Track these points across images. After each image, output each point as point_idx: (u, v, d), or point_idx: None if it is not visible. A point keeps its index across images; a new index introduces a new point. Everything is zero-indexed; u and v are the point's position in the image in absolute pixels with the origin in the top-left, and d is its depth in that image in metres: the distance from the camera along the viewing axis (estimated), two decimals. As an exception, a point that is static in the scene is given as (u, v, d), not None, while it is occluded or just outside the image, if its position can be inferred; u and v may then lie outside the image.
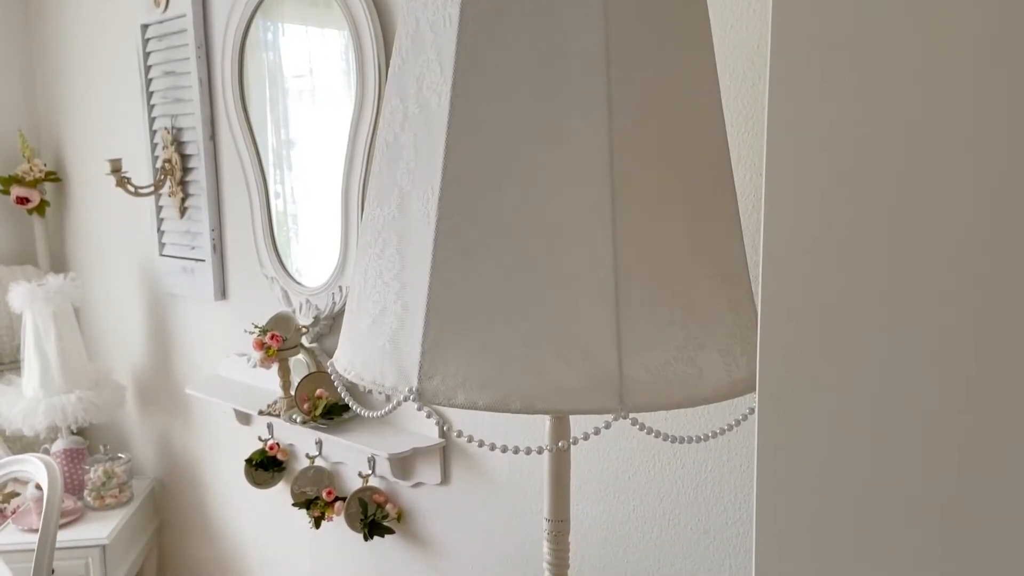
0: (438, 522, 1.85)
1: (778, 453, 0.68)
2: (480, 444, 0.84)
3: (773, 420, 0.68)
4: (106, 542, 2.22)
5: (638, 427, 0.79)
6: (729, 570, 1.37)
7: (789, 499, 0.65)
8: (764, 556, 0.67)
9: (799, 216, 0.64)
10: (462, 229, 0.83)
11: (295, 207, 2.14)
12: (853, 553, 0.60)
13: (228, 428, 2.34)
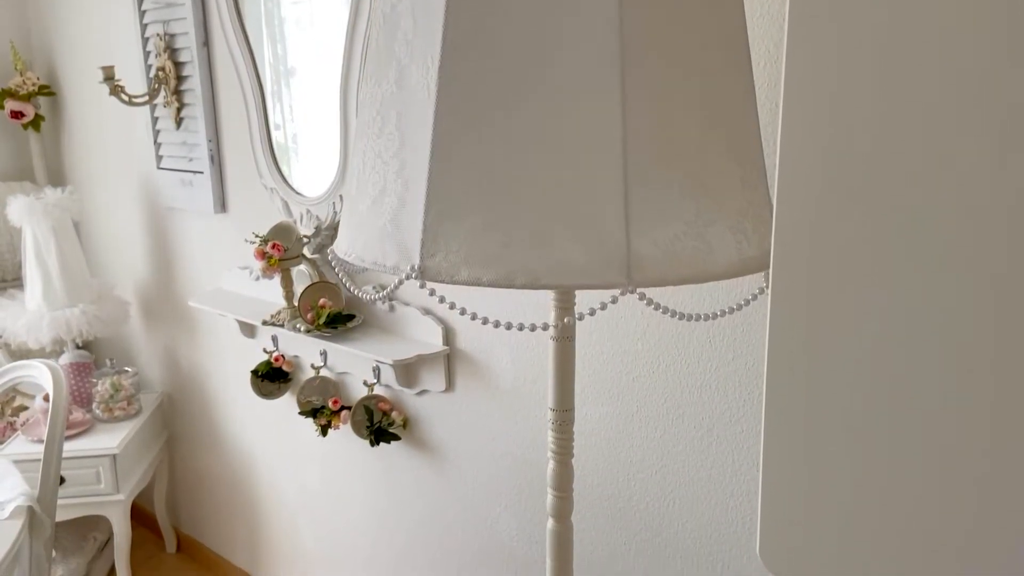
0: (443, 428, 1.86)
1: (790, 333, 0.66)
2: (485, 322, 0.83)
3: (787, 298, 0.66)
4: (116, 451, 2.25)
5: (645, 302, 0.77)
6: (732, 466, 1.38)
7: (800, 381, 0.64)
8: (772, 443, 0.66)
9: (820, 90, 0.60)
10: (463, 100, 0.79)
11: (294, 126, 2.09)
12: (867, 443, 0.59)
13: (233, 341, 2.34)
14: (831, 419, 0.62)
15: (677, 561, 1.49)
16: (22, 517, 1.36)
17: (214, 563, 2.65)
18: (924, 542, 0.56)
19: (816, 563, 0.59)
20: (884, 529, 0.58)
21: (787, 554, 0.60)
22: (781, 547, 0.60)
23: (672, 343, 1.42)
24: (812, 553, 0.59)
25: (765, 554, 0.61)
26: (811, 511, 0.61)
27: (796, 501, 0.62)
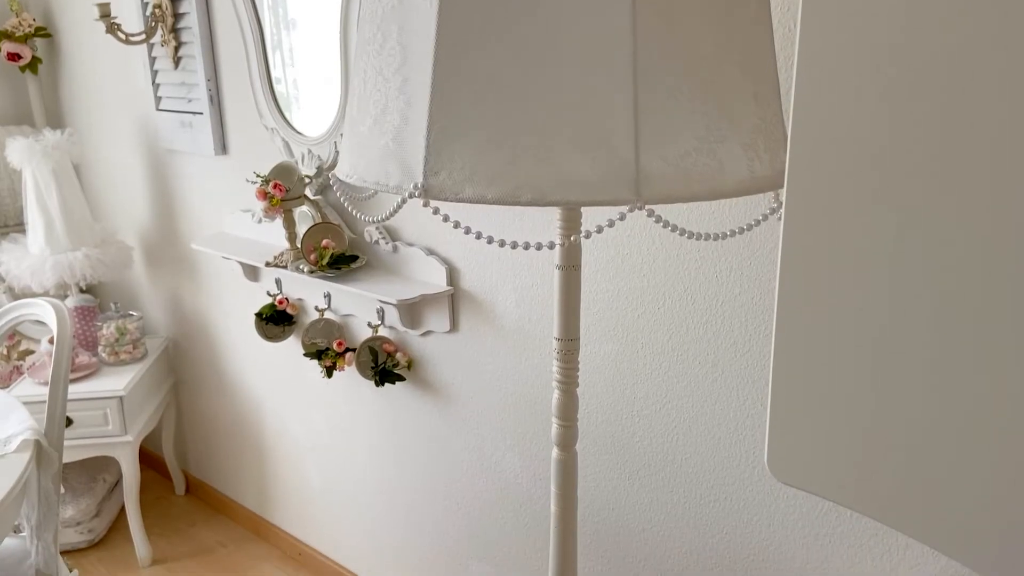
0: (447, 369, 1.86)
1: (803, 251, 0.64)
2: (490, 241, 0.81)
3: (800, 216, 0.64)
4: (123, 393, 2.27)
5: (654, 219, 0.75)
6: (737, 400, 1.38)
7: (812, 297, 0.63)
8: (782, 357, 0.65)
9: (840, 7, 0.58)
10: (467, 11, 0.76)
11: (294, 71, 2.05)
12: (875, 360, 0.58)
13: (236, 284, 2.34)
14: (841, 335, 0.60)
15: (680, 495, 1.50)
16: (29, 450, 1.37)
17: (223, 504, 2.69)
18: (925, 454, 0.56)
19: (822, 472, 0.58)
20: (888, 440, 0.57)
21: (795, 464, 0.60)
22: (789, 457, 0.60)
23: (677, 279, 1.40)
24: (819, 463, 0.59)
25: (773, 464, 0.60)
26: (818, 422, 0.60)
27: (804, 413, 0.61)
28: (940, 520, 0.53)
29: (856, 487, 0.56)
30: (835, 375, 0.60)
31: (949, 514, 0.53)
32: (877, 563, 1.26)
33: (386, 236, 1.88)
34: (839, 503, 0.57)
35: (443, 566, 2.02)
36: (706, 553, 1.49)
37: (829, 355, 0.61)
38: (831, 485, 0.57)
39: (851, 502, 0.56)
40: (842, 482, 0.56)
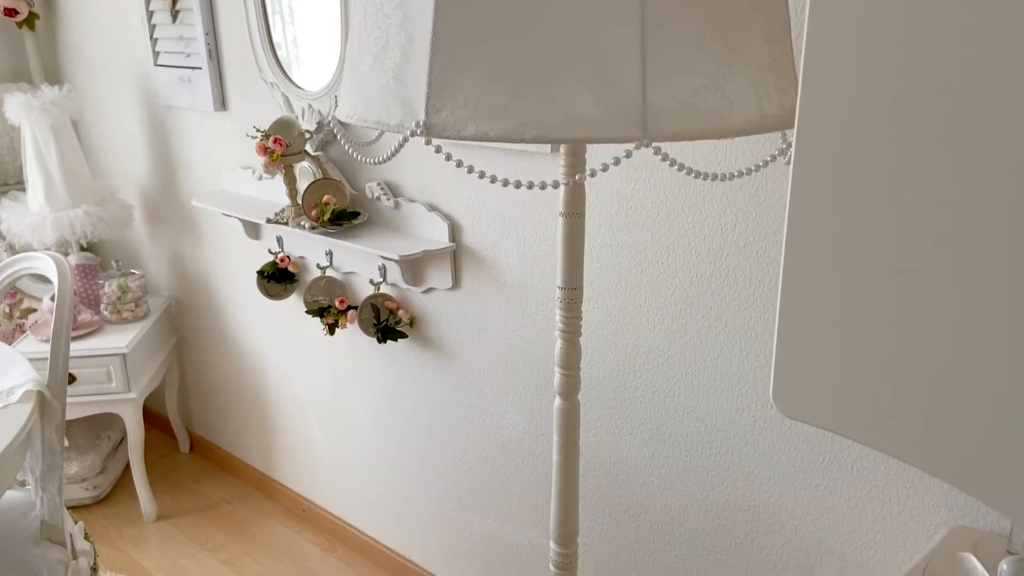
0: (450, 326, 1.86)
1: (813, 189, 0.63)
2: (493, 180, 0.80)
3: (811, 154, 0.63)
4: (126, 351, 2.27)
5: (660, 157, 0.74)
6: (740, 354, 1.37)
7: (821, 234, 0.61)
8: (790, 293, 0.64)
9: None
10: (471, -58, 0.74)
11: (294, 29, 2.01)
12: (881, 297, 0.57)
13: (238, 243, 2.33)
14: (848, 271, 0.60)
15: (682, 449, 1.50)
16: (32, 401, 1.38)
17: (227, 462, 2.71)
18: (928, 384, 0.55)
19: (827, 405, 0.58)
20: (893, 372, 0.56)
21: (800, 398, 0.59)
22: (794, 392, 0.59)
23: (682, 232, 1.39)
24: (824, 396, 0.58)
25: (779, 399, 0.60)
26: (824, 357, 0.59)
27: (810, 348, 0.60)
28: (942, 447, 0.52)
29: (860, 419, 0.55)
30: (842, 310, 0.59)
31: (952, 442, 0.52)
32: (877, 514, 1.26)
33: (388, 192, 1.86)
34: (843, 435, 0.57)
35: (445, 521, 2.04)
36: (706, 506, 1.50)
37: (836, 291, 0.60)
38: (836, 418, 0.57)
39: (855, 433, 0.56)
40: (846, 414, 0.56)
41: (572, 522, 1.16)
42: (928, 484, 1.20)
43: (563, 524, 1.16)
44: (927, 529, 1.21)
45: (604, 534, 1.69)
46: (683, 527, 1.55)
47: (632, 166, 1.42)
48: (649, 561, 1.62)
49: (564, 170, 0.94)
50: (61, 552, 1.54)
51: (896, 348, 0.56)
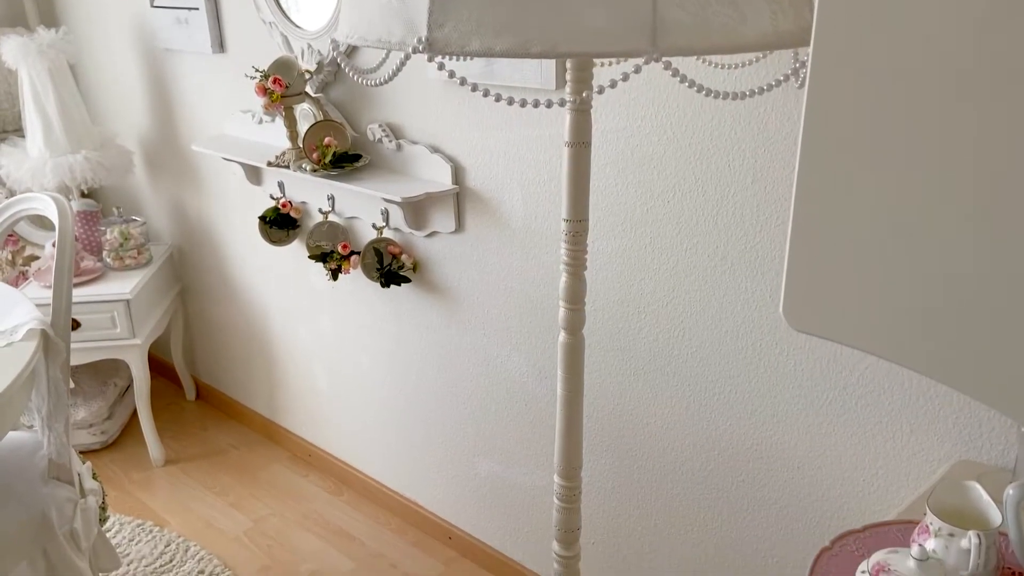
0: (453, 270, 1.85)
1: (828, 105, 0.61)
2: (498, 99, 0.78)
3: (827, 70, 0.61)
4: (129, 297, 2.27)
5: (670, 72, 0.72)
6: (745, 293, 1.36)
7: (834, 150, 0.60)
8: (802, 210, 0.62)
9: None
10: None
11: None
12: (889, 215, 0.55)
13: (239, 189, 2.31)
14: (860, 184, 0.58)
15: (685, 389, 1.51)
16: (36, 339, 1.38)
17: (234, 409, 2.73)
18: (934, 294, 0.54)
19: (837, 318, 0.57)
20: (901, 284, 0.55)
21: (810, 312, 0.58)
22: (805, 306, 0.58)
23: (688, 170, 1.37)
24: (833, 309, 0.57)
25: (789, 313, 0.59)
26: (834, 270, 0.58)
27: (821, 262, 0.59)
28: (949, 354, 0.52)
29: (869, 329, 0.55)
30: (852, 224, 0.58)
31: (958, 348, 0.52)
32: (880, 450, 1.27)
33: (389, 134, 1.83)
34: (852, 346, 0.56)
35: (450, 464, 2.06)
36: (708, 445, 1.50)
37: (848, 205, 0.59)
38: (845, 329, 0.56)
39: (864, 344, 0.55)
40: (855, 325, 0.55)
41: (576, 455, 1.17)
42: (932, 419, 1.20)
43: (567, 457, 1.17)
44: (930, 464, 1.22)
45: (606, 475, 1.70)
46: (685, 466, 1.56)
47: (638, 102, 1.39)
48: (651, 500, 1.64)
49: (570, 86, 0.92)
50: (69, 491, 1.56)
51: (905, 259, 0.55)
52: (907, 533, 0.96)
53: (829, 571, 0.91)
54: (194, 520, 2.23)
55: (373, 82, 0.88)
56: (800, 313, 0.58)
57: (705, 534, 1.57)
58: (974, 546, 0.82)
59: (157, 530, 2.17)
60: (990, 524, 0.87)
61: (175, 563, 2.04)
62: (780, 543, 1.46)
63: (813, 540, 1.40)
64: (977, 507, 0.90)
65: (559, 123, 1.53)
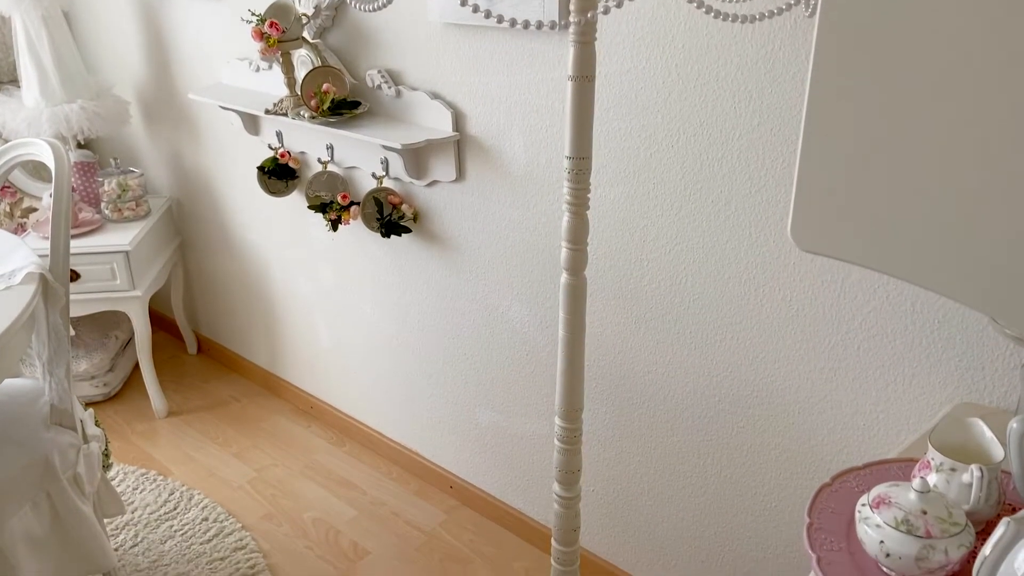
0: (454, 220, 1.83)
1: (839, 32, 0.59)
2: (500, 20, 0.76)
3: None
4: (128, 248, 2.26)
5: (676, -8, 0.70)
6: (749, 238, 1.35)
7: (846, 73, 0.58)
8: (812, 133, 0.61)
9: None
10: None
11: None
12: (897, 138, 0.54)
13: (237, 139, 2.28)
14: (869, 104, 0.57)
15: (686, 337, 1.50)
16: (34, 283, 1.37)
17: (235, 362, 2.74)
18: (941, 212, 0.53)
19: (844, 236, 0.56)
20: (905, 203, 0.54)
21: (818, 231, 0.57)
22: (813, 226, 0.57)
23: (693, 113, 1.35)
24: (841, 228, 0.56)
25: (796, 234, 0.58)
26: (842, 191, 0.57)
27: (829, 182, 0.58)
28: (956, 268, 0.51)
29: (875, 247, 0.54)
30: (861, 143, 0.57)
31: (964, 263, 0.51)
32: (881, 393, 1.27)
33: (388, 80, 1.80)
34: (858, 263, 0.55)
35: (451, 415, 2.07)
36: (709, 392, 1.50)
37: (857, 126, 0.57)
38: (851, 247, 0.55)
39: (870, 261, 0.54)
40: (862, 243, 0.54)
41: (577, 397, 1.17)
42: (934, 363, 1.19)
43: (568, 399, 1.17)
44: (931, 408, 1.22)
45: (606, 424, 1.71)
46: (685, 414, 1.56)
47: (643, 41, 1.36)
48: (651, 448, 1.65)
49: (574, 5, 0.89)
50: (72, 436, 1.56)
51: (911, 177, 0.54)
52: (908, 470, 0.96)
53: (829, 506, 0.91)
54: (197, 470, 2.25)
55: (372, 7, 0.86)
56: (808, 233, 0.57)
57: (705, 480, 1.58)
58: (976, 479, 0.82)
59: (161, 479, 2.18)
60: (992, 460, 0.87)
61: (179, 511, 2.06)
62: (779, 487, 1.46)
63: (812, 484, 1.41)
64: (979, 444, 0.90)
65: (561, 66, 1.50)
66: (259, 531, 2.02)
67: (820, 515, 0.91)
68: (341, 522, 2.06)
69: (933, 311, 1.17)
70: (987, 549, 0.70)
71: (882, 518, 0.80)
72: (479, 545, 1.98)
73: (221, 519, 2.03)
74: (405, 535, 2.01)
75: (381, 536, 2.01)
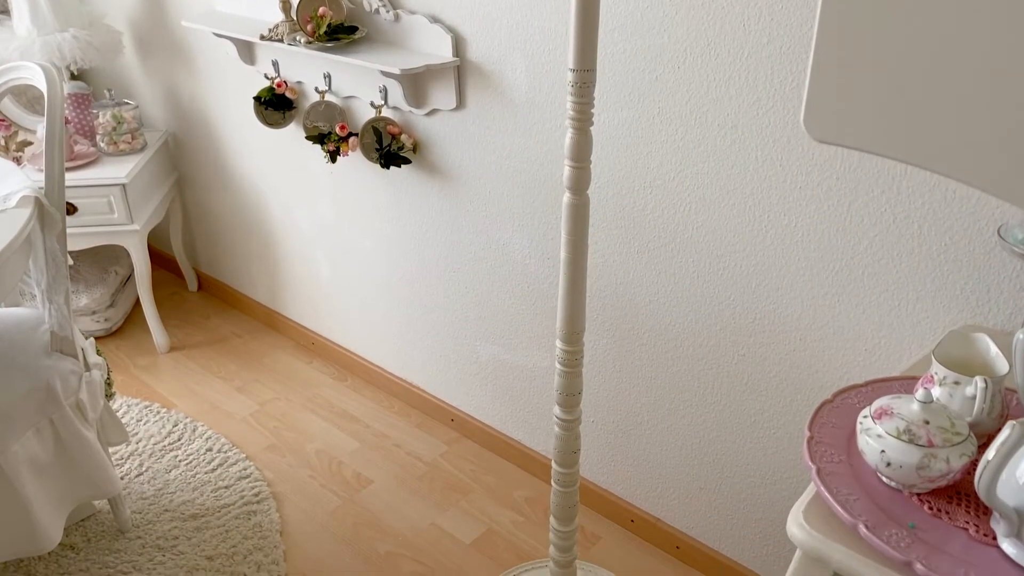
0: (454, 150, 1.80)
1: None
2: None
3: None
4: (125, 181, 2.23)
5: None
6: (755, 163, 1.33)
7: None
8: (827, 24, 0.58)
9: None
10: None
11: None
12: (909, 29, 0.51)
13: (232, 69, 2.23)
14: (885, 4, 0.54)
15: (688, 266, 1.49)
16: (29, 206, 1.35)
17: (235, 299, 2.74)
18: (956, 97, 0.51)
19: (858, 124, 0.54)
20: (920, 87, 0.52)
21: (831, 120, 0.55)
22: (826, 115, 0.55)
23: (700, 33, 1.31)
24: (854, 116, 0.54)
25: (809, 123, 0.56)
26: (856, 78, 0.55)
27: (843, 69, 0.56)
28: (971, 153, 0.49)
29: (889, 133, 0.52)
30: (876, 29, 0.54)
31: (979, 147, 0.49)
32: (884, 318, 1.26)
33: (386, 3, 1.75)
34: (875, 151, 0.53)
35: (452, 349, 2.07)
36: (711, 320, 1.50)
37: (872, 10, 0.55)
38: (865, 134, 0.53)
39: (884, 148, 0.52)
40: (876, 130, 0.52)
41: (578, 320, 1.16)
42: (939, 285, 1.18)
43: (570, 322, 1.16)
44: (935, 331, 1.21)
45: (607, 355, 1.71)
46: (686, 343, 1.56)
47: (650, -42, 1.31)
48: (651, 378, 1.65)
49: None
50: (73, 363, 1.56)
51: (926, 60, 0.52)
52: (910, 387, 0.96)
53: (830, 421, 0.91)
54: (200, 403, 2.26)
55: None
56: (821, 122, 0.55)
57: (704, 409, 1.58)
58: (980, 390, 0.81)
59: (164, 411, 2.20)
60: (996, 374, 0.87)
61: (183, 441, 2.08)
62: (779, 415, 1.47)
63: (812, 410, 1.41)
64: (984, 359, 0.89)
65: (565, -14, 1.46)
66: (263, 462, 2.04)
67: (820, 429, 0.91)
68: (344, 453, 2.08)
69: (940, 233, 1.16)
70: (990, 453, 0.70)
71: (883, 428, 0.80)
72: (480, 475, 2.00)
73: (225, 450, 2.06)
74: (407, 465, 2.04)
75: (383, 466, 2.03)
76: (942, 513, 0.79)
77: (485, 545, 1.79)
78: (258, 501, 1.89)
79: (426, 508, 1.90)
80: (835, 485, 0.82)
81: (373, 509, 1.89)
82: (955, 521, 0.78)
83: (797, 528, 0.80)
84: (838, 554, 0.77)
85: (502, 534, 1.82)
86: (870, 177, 1.20)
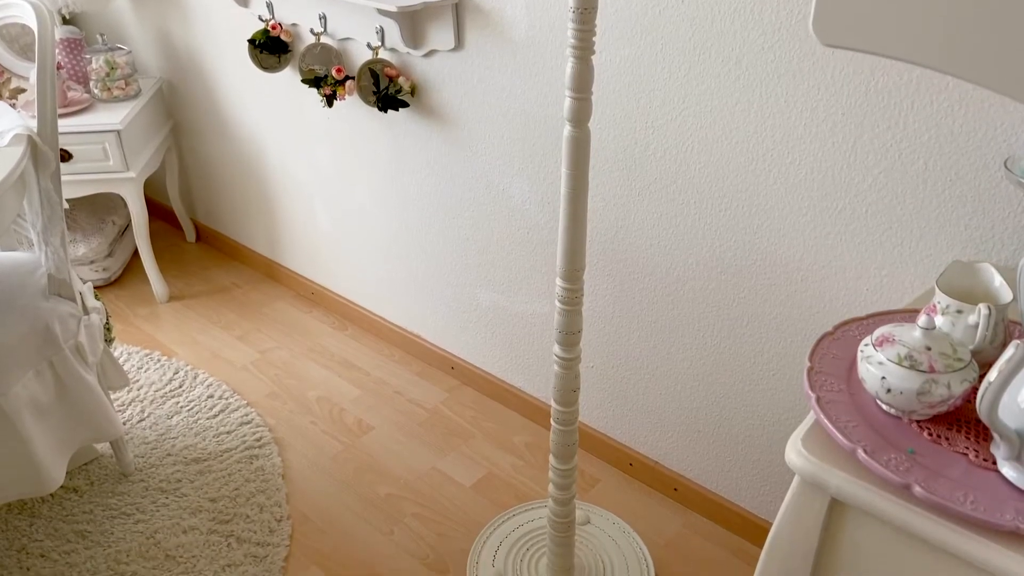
0: (453, 92, 1.77)
1: None
2: None
3: None
4: (120, 127, 2.20)
5: None
6: (759, 99, 1.30)
7: None
8: None
9: None
10: None
11: None
12: None
13: (226, 12, 2.19)
14: None
15: (690, 207, 1.47)
16: (22, 144, 1.33)
17: (234, 250, 2.73)
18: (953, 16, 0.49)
19: (865, 26, 0.52)
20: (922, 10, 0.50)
21: (840, 24, 0.53)
22: (835, 18, 0.53)
23: (706, -36, 1.27)
24: (862, 17, 0.52)
25: (817, 27, 0.54)
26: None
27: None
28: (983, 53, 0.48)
29: (898, 34, 0.50)
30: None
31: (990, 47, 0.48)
32: (887, 256, 1.25)
33: (384, -61, 1.70)
34: (884, 53, 0.51)
35: (452, 296, 2.07)
36: (712, 262, 1.49)
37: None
38: (873, 36, 0.51)
39: (893, 49, 0.50)
40: (884, 31, 0.50)
41: (579, 257, 1.15)
42: (944, 222, 1.17)
43: (570, 259, 1.15)
44: (938, 269, 1.20)
45: (607, 300, 1.70)
46: (686, 286, 1.55)
47: None
48: (650, 322, 1.65)
49: None
50: (71, 306, 1.56)
51: None
52: (912, 319, 0.95)
53: (830, 352, 0.91)
54: (201, 351, 2.27)
55: None
56: (830, 26, 0.53)
57: (703, 351, 1.58)
58: (983, 317, 0.81)
59: (165, 359, 2.21)
60: (1000, 304, 0.86)
61: (184, 388, 2.09)
62: (778, 356, 1.47)
63: (812, 352, 1.41)
64: (988, 289, 0.88)
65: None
66: (264, 408, 2.05)
67: (821, 360, 0.90)
68: (345, 400, 2.09)
69: (946, 168, 1.14)
70: (993, 374, 0.69)
71: (885, 355, 0.79)
72: (480, 421, 2.01)
73: (227, 396, 2.06)
74: (408, 412, 2.05)
75: (384, 413, 2.04)
76: (942, 439, 0.79)
77: (485, 488, 1.81)
78: (260, 446, 1.90)
79: (427, 453, 1.91)
80: (834, 413, 0.81)
81: (374, 454, 1.91)
82: (955, 447, 0.78)
83: (795, 455, 0.80)
84: (836, 479, 0.77)
85: (502, 477, 1.84)
86: (876, 112, 1.18)
